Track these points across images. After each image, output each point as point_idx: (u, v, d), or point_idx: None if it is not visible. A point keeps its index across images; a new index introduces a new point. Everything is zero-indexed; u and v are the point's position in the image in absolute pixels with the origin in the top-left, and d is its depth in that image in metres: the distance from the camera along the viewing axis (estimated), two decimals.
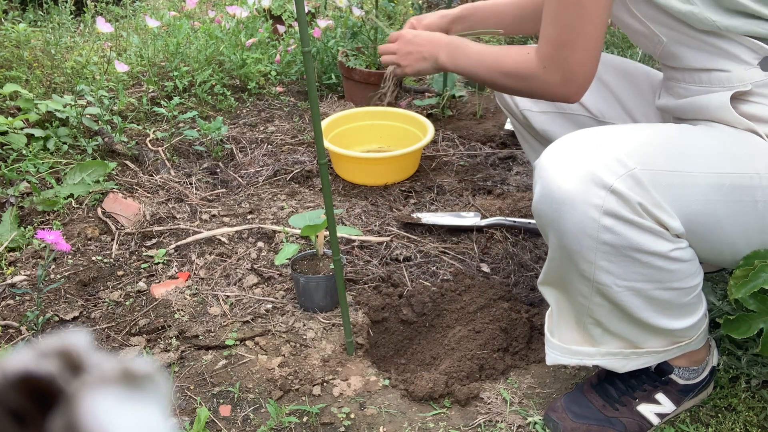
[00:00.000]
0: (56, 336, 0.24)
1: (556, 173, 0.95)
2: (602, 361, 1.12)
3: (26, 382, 0.22)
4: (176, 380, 1.30)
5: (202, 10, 3.19)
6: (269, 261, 1.64)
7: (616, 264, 0.96)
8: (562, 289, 1.09)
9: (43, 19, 2.92)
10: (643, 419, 1.18)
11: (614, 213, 0.92)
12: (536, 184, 0.99)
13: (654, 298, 1.00)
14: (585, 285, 1.01)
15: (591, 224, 0.93)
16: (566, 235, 0.96)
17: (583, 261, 0.97)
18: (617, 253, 0.94)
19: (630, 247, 0.94)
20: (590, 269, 0.97)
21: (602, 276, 0.97)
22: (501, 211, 1.86)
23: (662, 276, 0.97)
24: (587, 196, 0.92)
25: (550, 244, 1.02)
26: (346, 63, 2.43)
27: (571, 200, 0.93)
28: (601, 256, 0.95)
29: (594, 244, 0.94)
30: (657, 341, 1.09)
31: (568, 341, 1.13)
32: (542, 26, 1.09)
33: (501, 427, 1.20)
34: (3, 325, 1.41)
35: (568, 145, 0.98)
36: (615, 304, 1.01)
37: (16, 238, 1.67)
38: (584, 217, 0.93)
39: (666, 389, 1.18)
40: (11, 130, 1.99)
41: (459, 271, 1.61)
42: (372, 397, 1.26)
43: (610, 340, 1.09)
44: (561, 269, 1.03)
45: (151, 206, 1.83)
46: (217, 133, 2.10)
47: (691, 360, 1.17)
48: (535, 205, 1.00)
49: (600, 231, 0.93)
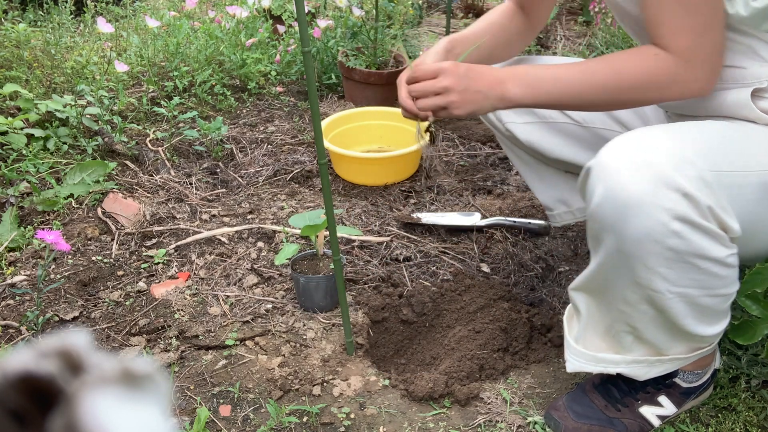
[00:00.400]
0: (56, 336, 0.24)
1: (624, 174, 0.90)
2: (626, 369, 1.09)
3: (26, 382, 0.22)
4: (176, 380, 1.30)
5: (202, 10, 3.19)
6: (269, 261, 1.64)
7: (674, 271, 0.92)
8: (598, 296, 1.05)
9: (43, 19, 2.92)
10: (645, 421, 1.18)
11: (684, 217, 0.88)
12: (596, 185, 0.93)
13: (699, 305, 0.97)
14: (635, 292, 0.97)
15: (659, 229, 0.88)
16: (629, 240, 0.91)
17: (642, 267, 0.93)
18: (679, 259, 0.91)
19: (693, 252, 0.90)
20: (647, 276, 0.93)
21: (658, 283, 0.93)
22: (501, 211, 1.86)
23: (713, 282, 0.95)
24: (658, 199, 0.88)
25: (602, 249, 0.97)
26: (346, 63, 2.43)
27: (641, 203, 0.88)
28: (663, 263, 0.91)
29: (659, 249, 0.90)
30: (683, 347, 1.07)
31: (592, 348, 1.10)
32: (667, 20, 0.98)
33: (501, 427, 1.20)
34: (3, 325, 1.41)
35: (631, 145, 0.93)
36: (660, 312, 0.98)
37: (16, 238, 1.67)
38: (653, 222, 0.88)
39: (669, 392, 1.18)
40: (11, 130, 1.99)
41: (459, 271, 1.61)
42: (372, 397, 1.26)
43: (639, 347, 1.07)
44: (609, 275, 0.99)
45: (151, 206, 1.83)
46: (217, 133, 2.10)
47: (698, 365, 1.17)
48: (594, 208, 0.94)
49: (667, 236, 0.89)
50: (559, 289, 1.59)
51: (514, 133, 1.45)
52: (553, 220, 1.58)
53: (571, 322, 1.15)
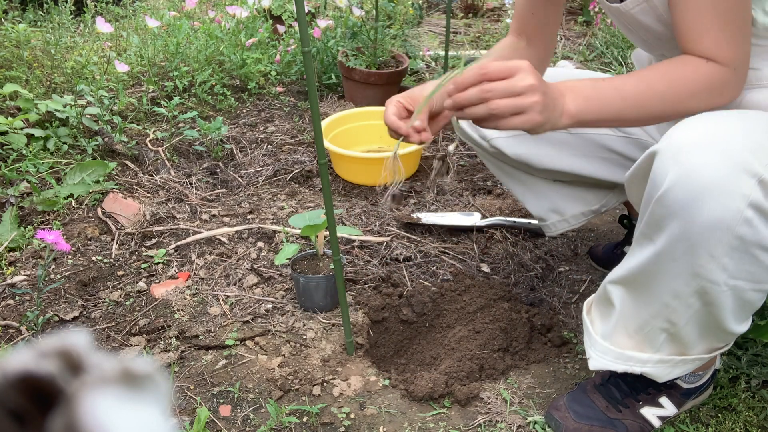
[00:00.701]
0: (56, 336, 0.24)
1: (700, 158, 0.87)
2: (653, 369, 1.07)
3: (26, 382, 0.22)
4: (176, 380, 1.30)
5: (202, 10, 3.19)
6: (269, 261, 1.64)
7: (735, 261, 0.90)
8: (641, 290, 1.03)
9: (43, 19, 2.92)
10: (646, 422, 1.18)
11: (757, 205, 0.86)
12: (668, 168, 0.90)
13: (744, 300, 0.96)
14: (687, 284, 0.95)
15: (733, 215, 0.86)
16: (699, 225, 0.88)
17: (706, 256, 0.90)
18: (742, 249, 0.89)
19: (758, 243, 0.89)
20: (709, 265, 0.91)
21: (717, 274, 0.91)
22: (501, 211, 1.86)
23: (763, 277, 0.93)
24: (736, 185, 0.85)
25: (663, 237, 0.93)
26: (346, 63, 2.43)
27: (718, 188, 0.86)
28: (728, 251, 0.89)
29: (728, 237, 0.88)
30: (705, 347, 1.06)
31: (619, 346, 1.08)
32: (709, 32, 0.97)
33: (501, 427, 1.20)
34: (3, 325, 1.41)
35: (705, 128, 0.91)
36: (708, 305, 0.96)
37: (16, 238, 1.67)
38: (729, 208, 0.86)
39: (670, 393, 1.18)
40: (11, 130, 1.99)
41: (459, 271, 1.61)
42: (372, 397, 1.26)
43: (668, 346, 1.05)
44: (664, 266, 0.96)
45: (151, 206, 1.83)
46: (217, 133, 2.10)
47: (703, 366, 1.17)
48: (665, 192, 0.90)
49: (739, 223, 0.87)
50: (559, 289, 1.59)
51: (501, 149, 1.43)
52: (547, 230, 1.57)
53: (595, 318, 1.12)
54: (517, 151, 1.41)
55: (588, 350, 1.13)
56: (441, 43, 3.43)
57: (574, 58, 3.08)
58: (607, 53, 3.08)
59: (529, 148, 1.41)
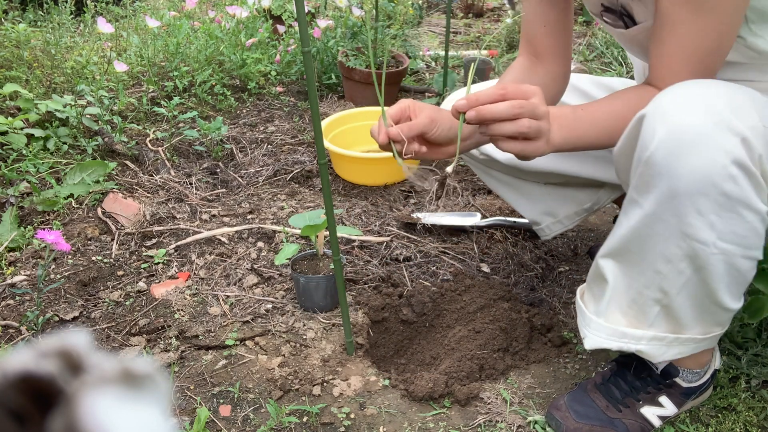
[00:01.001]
0: (56, 336, 0.24)
1: (687, 116, 0.90)
2: (646, 346, 1.08)
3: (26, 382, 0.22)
4: (176, 380, 1.30)
5: (202, 10, 3.19)
6: (269, 261, 1.64)
7: (723, 220, 0.92)
8: (630, 261, 1.04)
9: (43, 19, 2.92)
10: (646, 422, 1.18)
11: (741, 162, 0.89)
12: (656, 127, 0.92)
13: (734, 267, 0.97)
14: (678, 246, 0.96)
15: (718, 171, 0.89)
16: (685, 181, 0.91)
17: (694, 212, 0.92)
18: (728, 207, 0.91)
19: (742, 201, 0.91)
20: (697, 223, 0.93)
21: (705, 233, 0.93)
22: (501, 211, 1.86)
23: (752, 241, 0.95)
24: (721, 141, 0.88)
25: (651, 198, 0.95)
26: (346, 63, 2.43)
27: (703, 143, 0.89)
28: (714, 209, 0.91)
29: (714, 192, 0.90)
30: (699, 328, 1.07)
31: (615, 323, 1.09)
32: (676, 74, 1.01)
33: (501, 427, 1.20)
34: (3, 325, 1.41)
35: (690, 90, 0.94)
36: (698, 271, 0.98)
37: (16, 238, 1.67)
38: (712, 162, 0.89)
39: (670, 392, 1.18)
40: (11, 130, 1.99)
41: (459, 271, 1.61)
42: (372, 397, 1.26)
43: (662, 320, 1.06)
44: (653, 229, 0.97)
45: (151, 206, 1.83)
46: (217, 133, 2.10)
47: (698, 362, 1.17)
48: (653, 150, 0.92)
49: (724, 179, 0.89)
50: (559, 289, 1.59)
51: (492, 155, 1.42)
52: (542, 234, 1.57)
53: (588, 300, 1.13)
54: (508, 155, 1.41)
55: (582, 330, 1.13)
56: (441, 43, 3.43)
57: (574, 58, 3.08)
58: (607, 53, 3.08)
59: None
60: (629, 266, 1.04)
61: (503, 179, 1.52)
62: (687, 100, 0.93)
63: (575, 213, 1.53)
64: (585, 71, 2.73)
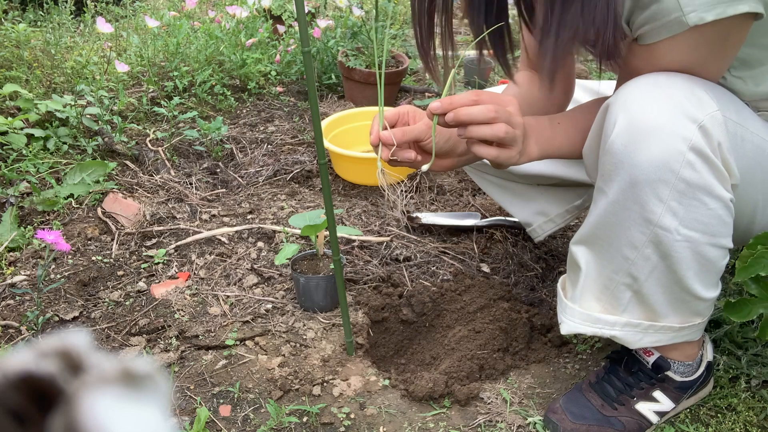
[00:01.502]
0: (56, 336, 0.24)
1: (645, 105, 0.93)
2: (621, 332, 1.09)
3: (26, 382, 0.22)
4: (176, 380, 1.30)
5: (202, 10, 3.19)
6: (269, 261, 1.64)
7: (684, 207, 0.94)
8: (600, 247, 1.05)
9: (43, 19, 2.92)
10: (642, 418, 1.18)
11: (699, 149, 0.91)
12: (617, 116, 0.95)
13: (702, 255, 0.99)
14: (642, 232, 0.98)
15: (676, 157, 0.91)
16: (644, 167, 0.93)
17: (654, 199, 0.94)
18: (690, 194, 0.93)
19: (703, 187, 0.93)
20: (658, 210, 0.95)
21: (667, 219, 0.95)
22: (501, 211, 1.86)
23: (717, 229, 0.97)
24: (678, 128, 0.91)
25: (613, 186, 0.97)
26: (346, 63, 2.43)
27: (660, 131, 0.91)
28: (675, 195, 0.93)
29: (673, 179, 0.92)
30: (675, 317, 1.08)
31: (589, 309, 1.10)
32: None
33: (501, 427, 1.20)
34: (3, 325, 1.41)
35: (650, 81, 0.96)
36: (664, 257, 0.99)
37: (16, 238, 1.67)
38: (670, 149, 0.91)
39: (663, 386, 1.18)
40: (11, 130, 1.99)
41: (459, 271, 1.61)
42: (372, 397, 1.26)
43: (635, 307, 1.07)
44: (617, 216, 0.99)
45: (151, 206, 1.83)
46: (217, 133, 2.10)
47: (685, 354, 1.17)
48: (613, 139, 0.95)
49: (683, 166, 0.91)
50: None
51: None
52: (534, 235, 1.57)
53: (573, 282, 1.14)
54: None
55: (559, 316, 1.15)
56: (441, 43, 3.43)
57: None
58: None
59: None
60: (599, 252, 1.06)
61: (495, 181, 1.53)
62: (646, 90, 0.95)
63: (566, 210, 1.54)
64: (585, 71, 2.73)
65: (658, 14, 0.93)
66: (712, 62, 0.99)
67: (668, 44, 0.96)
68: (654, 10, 0.93)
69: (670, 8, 0.91)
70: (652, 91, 0.95)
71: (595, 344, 1.40)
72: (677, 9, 0.90)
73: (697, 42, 0.95)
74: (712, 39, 0.94)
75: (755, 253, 1.02)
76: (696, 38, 0.94)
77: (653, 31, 0.95)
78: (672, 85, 0.95)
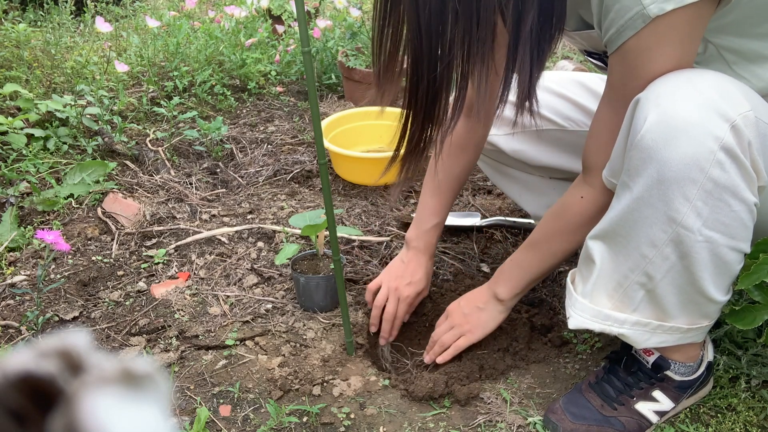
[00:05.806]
0: (56, 336, 0.24)
1: (678, 101, 0.92)
2: (629, 330, 1.09)
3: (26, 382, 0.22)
4: (176, 380, 1.30)
5: (201, 10, 3.19)
6: (269, 261, 1.64)
7: (709, 207, 0.93)
8: (618, 243, 1.04)
9: (43, 19, 2.92)
10: (642, 418, 1.18)
11: (729, 148, 0.90)
12: (648, 111, 0.94)
13: (719, 257, 0.98)
14: (664, 231, 0.97)
15: (706, 156, 0.90)
16: (673, 165, 0.92)
17: (680, 198, 0.93)
18: (716, 194, 0.92)
19: (730, 188, 0.92)
20: (684, 208, 0.94)
21: (691, 219, 0.94)
22: (501, 211, 1.86)
23: (738, 232, 0.96)
24: (710, 126, 0.90)
25: (640, 182, 0.97)
26: (346, 63, 2.43)
27: (692, 128, 0.90)
28: (701, 195, 0.92)
29: (701, 178, 0.91)
30: (684, 318, 1.07)
31: (600, 305, 1.09)
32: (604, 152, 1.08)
33: (501, 427, 1.20)
34: (3, 325, 1.41)
35: (683, 77, 0.95)
36: (683, 257, 0.98)
37: (16, 238, 1.67)
38: (701, 147, 0.90)
39: (663, 386, 1.18)
40: (11, 130, 1.99)
41: (459, 271, 1.61)
42: (372, 397, 1.26)
43: (647, 306, 1.06)
44: (641, 212, 0.99)
45: (151, 206, 1.83)
46: (217, 133, 2.10)
47: (687, 355, 1.17)
48: (643, 134, 0.94)
49: (712, 165, 0.90)
50: (559, 289, 1.59)
51: (498, 145, 1.44)
52: None
53: (577, 282, 1.14)
54: (515, 147, 1.42)
55: (568, 310, 1.14)
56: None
57: (573, 58, 3.08)
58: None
59: (526, 145, 1.42)
60: (616, 248, 1.05)
61: (509, 172, 1.53)
62: (679, 86, 0.94)
63: None
64: (584, 70, 2.73)
65: (620, 12, 0.93)
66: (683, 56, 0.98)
67: (636, 43, 0.95)
68: (617, 9, 0.93)
69: (630, 4, 0.91)
70: (684, 87, 0.94)
71: (594, 344, 1.40)
72: (638, 3, 0.91)
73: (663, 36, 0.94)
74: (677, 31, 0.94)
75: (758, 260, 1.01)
76: (661, 32, 0.93)
77: (619, 33, 0.95)
78: (705, 81, 0.94)
